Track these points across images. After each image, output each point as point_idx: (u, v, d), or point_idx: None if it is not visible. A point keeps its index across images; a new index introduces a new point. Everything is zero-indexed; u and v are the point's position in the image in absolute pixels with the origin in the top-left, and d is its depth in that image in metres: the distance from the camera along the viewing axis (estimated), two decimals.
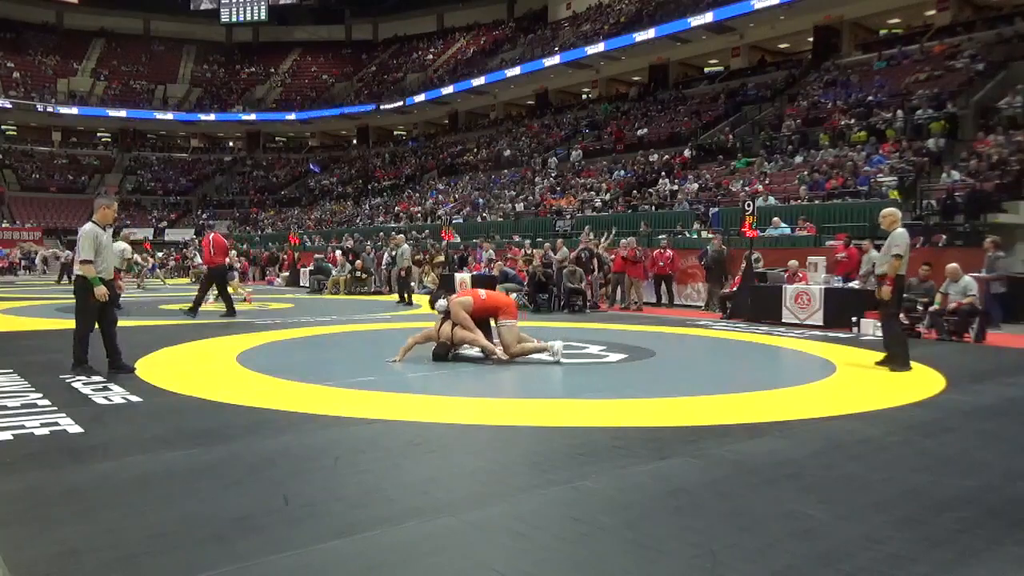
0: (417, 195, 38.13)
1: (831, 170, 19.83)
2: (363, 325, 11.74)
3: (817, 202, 18.40)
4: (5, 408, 5.15)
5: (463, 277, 19.36)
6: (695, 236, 18.81)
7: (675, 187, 24.05)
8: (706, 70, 37.68)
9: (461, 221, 28.91)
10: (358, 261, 21.38)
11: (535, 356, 7.69)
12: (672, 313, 14.42)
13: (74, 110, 49.62)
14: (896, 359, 7.39)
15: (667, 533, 3.04)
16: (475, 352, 7.86)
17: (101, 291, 6.58)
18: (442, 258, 21.20)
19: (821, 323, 11.62)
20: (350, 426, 4.91)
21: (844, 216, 16.94)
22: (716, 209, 19.98)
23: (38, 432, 4.54)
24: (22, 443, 4.32)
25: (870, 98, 23.31)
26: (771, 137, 24.72)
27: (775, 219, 17.00)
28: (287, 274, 26.54)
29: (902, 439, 4.70)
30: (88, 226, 6.74)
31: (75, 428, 4.65)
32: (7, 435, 4.45)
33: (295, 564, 2.70)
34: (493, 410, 5.39)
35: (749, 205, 13.60)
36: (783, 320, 12.16)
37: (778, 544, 2.94)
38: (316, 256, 24.44)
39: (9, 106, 47.65)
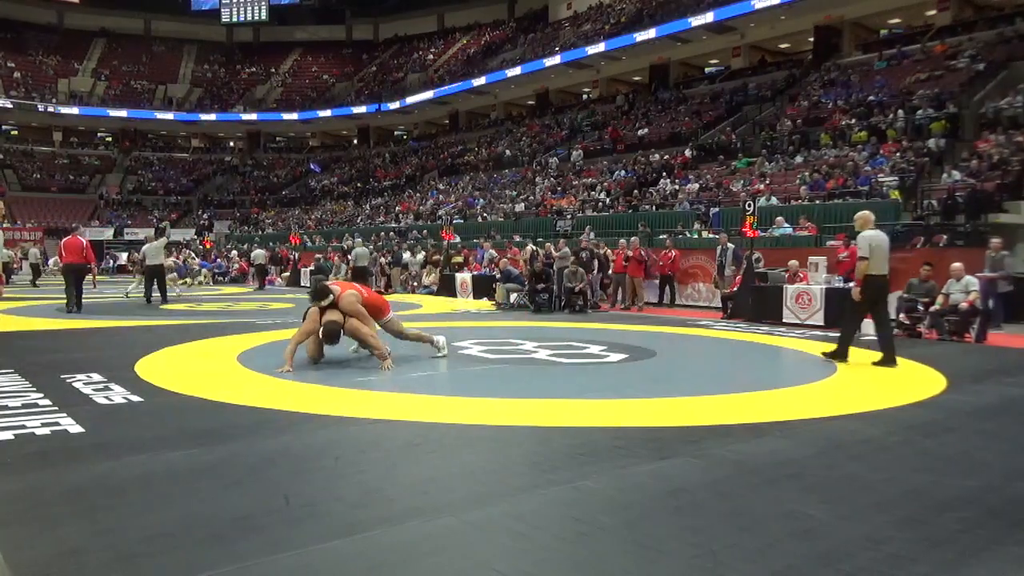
0: (418, 195, 38.13)
1: (832, 170, 19.82)
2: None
3: (818, 202, 18.40)
4: (6, 408, 5.15)
5: (464, 277, 19.38)
6: (696, 236, 18.82)
7: (676, 187, 24.05)
8: (707, 70, 37.68)
9: (462, 221, 28.92)
10: None
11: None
12: (673, 313, 14.42)
13: (75, 110, 49.60)
14: (840, 353, 7.75)
15: (667, 533, 3.04)
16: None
17: None
18: (460, 258, 21.25)
19: (822, 323, 11.62)
20: (351, 426, 4.91)
21: (845, 216, 16.88)
22: (717, 209, 19.98)
23: (39, 432, 4.55)
24: (23, 443, 4.32)
25: (871, 98, 23.29)
26: (772, 137, 24.71)
27: (778, 219, 17.00)
28: (288, 274, 26.56)
29: (903, 439, 4.70)
30: None
31: (76, 428, 4.65)
32: (8, 435, 4.45)
33: (295, 564, 2.70)
34: (494, 410, 5.39)
35: (750, 205, 13.61)
36: (784, 320, 12.17)
37: (778, 544, 2.94)
38: (316, 256, 24.46)
39: (10, 106, 47.65)
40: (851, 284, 12.15)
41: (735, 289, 13.42)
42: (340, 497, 3.47)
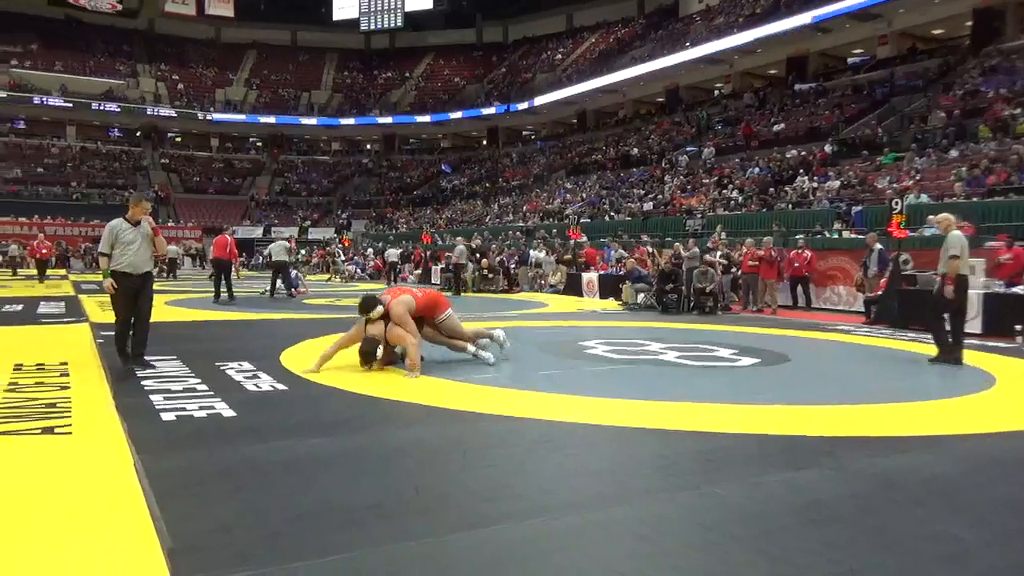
0: (545, 194, 38.36)
1: (992, 165, 18.24)
2: (490, 323, 11.92)
3: (975, 199, 16.98)
4: (170, 391, 5.65)
5: (590, 277, 19.32)
6: (835, 236, 17.87)
7: (814, 184, 22.90)
8: (849, 60, 35.60)
9: (589, 220, 28.84)
10: (483, 260, 21.79)
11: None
12: (809, 317, 13.75)
13: (229, 117, 53.62)
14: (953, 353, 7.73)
15: (803, 547, 2.91)
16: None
17: (107, 283, 6.81)
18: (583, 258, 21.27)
19: (979, 331, 10.68)
20: (479, 421, 5.02)
21: (1007, 215, 15.53)
22: (859, 208, 18.87)
23: (197, 414, 4.95)
24: (183, 424, 4.72)
25: None
26: (922, 130, 23.04)
27: (930, 217, 15.84)
28: (419, 271, 27.47)
29: None
30: (112, 221, 6.94)
31: (229, 412, 5.03)
32: (171, 416, 4.89)
33: (424, 552, 2.79)
34: (621, 411, 5.35)
35: (897, 203, 12.76)
36: None
37: (925, 567, 2.75)
38: (447, 255, 25.15)
39: (175, 115, 52.30)
40: (1015, 288, 11.25)
41: (879, 292, 12.62)
42: (468, 490, 3.56)
